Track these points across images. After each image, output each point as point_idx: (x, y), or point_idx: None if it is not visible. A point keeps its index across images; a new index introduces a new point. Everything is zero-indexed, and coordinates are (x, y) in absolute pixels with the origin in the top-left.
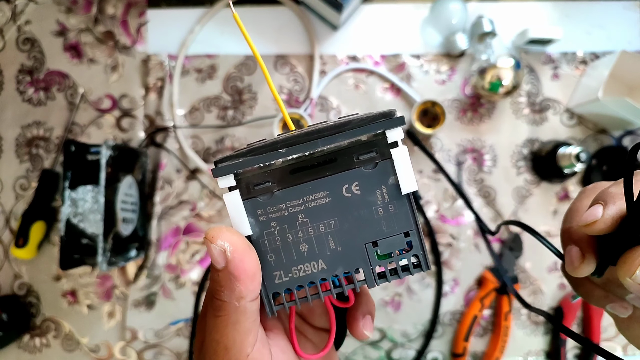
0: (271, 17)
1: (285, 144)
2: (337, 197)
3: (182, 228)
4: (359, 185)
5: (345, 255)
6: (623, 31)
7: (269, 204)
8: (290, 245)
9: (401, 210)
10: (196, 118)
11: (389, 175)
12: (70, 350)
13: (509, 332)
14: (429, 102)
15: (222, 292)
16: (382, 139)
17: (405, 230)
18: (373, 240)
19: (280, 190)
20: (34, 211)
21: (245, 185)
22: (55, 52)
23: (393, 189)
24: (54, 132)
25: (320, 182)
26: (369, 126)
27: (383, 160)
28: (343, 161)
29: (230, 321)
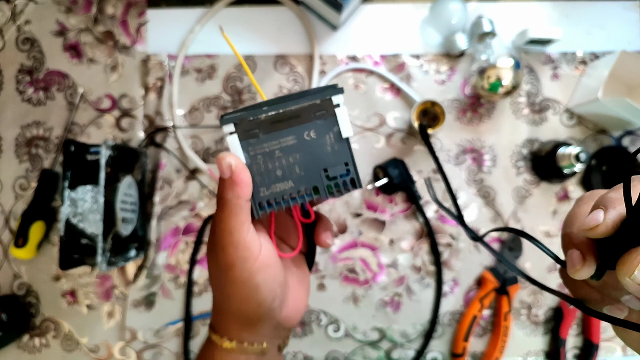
0: (271, 17)
1: (267, 104)
2: (300, 140)
3: (181, 228)
4: (315, 132)
5: (306, 177)
6: (623, 31)
7: (256, 144)
8: (270, 171)
9: (342, 148)
10: (196, 118)
11: (334, 126)
12: (69, 351)
13: (509, 332)
14: (429, 102)
15: (226, 192)
16: (330, 103)
17: (344, 161)
18: (324, 168)
19: (264, 135)
20: (33, 211)
21: (241, 131)
22: (54, 52)
23: (337, 135)
24: (53, 132)
25: (290, 130)
26: (322, 93)
27: (330, 116)
28: (304, 116)
29: (232, 213)
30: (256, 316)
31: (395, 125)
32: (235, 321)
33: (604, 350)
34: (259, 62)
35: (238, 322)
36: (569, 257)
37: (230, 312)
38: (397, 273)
